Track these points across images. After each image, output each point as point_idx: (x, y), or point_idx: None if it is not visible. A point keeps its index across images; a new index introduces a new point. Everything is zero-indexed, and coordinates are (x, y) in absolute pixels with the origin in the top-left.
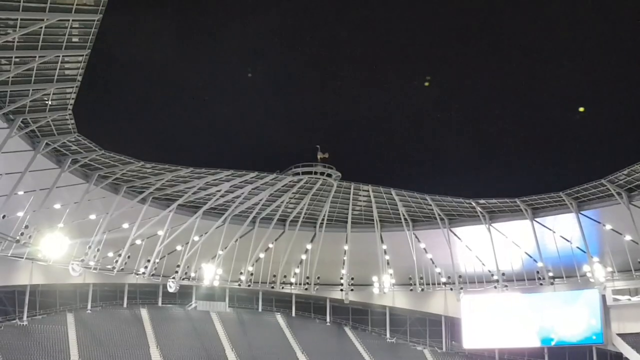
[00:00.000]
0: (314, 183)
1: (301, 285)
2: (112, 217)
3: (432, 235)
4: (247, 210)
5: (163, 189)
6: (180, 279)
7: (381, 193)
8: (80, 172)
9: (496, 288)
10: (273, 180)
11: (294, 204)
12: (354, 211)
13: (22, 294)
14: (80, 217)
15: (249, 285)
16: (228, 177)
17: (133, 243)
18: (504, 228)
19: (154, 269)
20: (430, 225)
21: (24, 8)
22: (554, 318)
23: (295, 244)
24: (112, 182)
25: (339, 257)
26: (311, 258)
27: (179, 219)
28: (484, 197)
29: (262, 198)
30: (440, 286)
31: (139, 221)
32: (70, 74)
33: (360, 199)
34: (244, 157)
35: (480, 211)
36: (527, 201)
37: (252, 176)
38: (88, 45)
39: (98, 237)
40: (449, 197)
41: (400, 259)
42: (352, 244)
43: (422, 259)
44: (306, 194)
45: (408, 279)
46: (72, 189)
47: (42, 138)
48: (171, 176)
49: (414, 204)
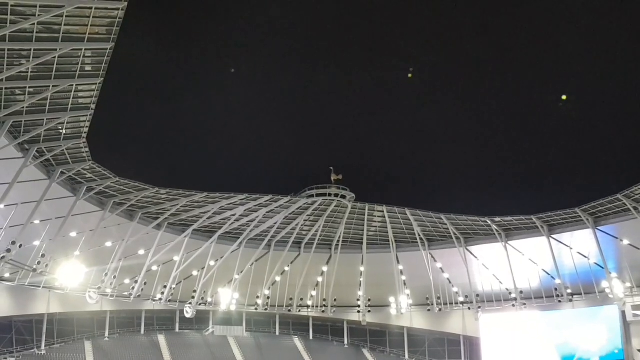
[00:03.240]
0: (328, 205)
1: (318, 308)
2: (127, 244)
3: (448, 254)
4: (263, 233)
5: (178, 214)
6: (197, 304)
7: (396, 213)
8: (96, 199)
9: (514, 306)
10: (287, 203)
11: (309, 226)
12: (369, 232)
13: (40, 322)
14: (96, 245)
15: (265, 309)
16: (242, 201)
17: (149, 269)
18: (521, 246)
19: (171, 295)
20: (446, 245)
21: (37, 39)
22: (573, 335)
23: (311, 267)
24: (127, 209)
25: (355, 279)
26: (327, 280)
27: (195, 244)
28: (500, 215)
29: (277, 221)
30: (458, 306)
31: (155, 247)
32: (83, 103)
33: (375, 219)
34: (258, 180)
35: (496, 229)
36: (543, 218)
37: (267, 199)
38: (101, 74)
39: (114, 264)
40: (464, 216)
41: (416, 279)
42: (368, 265)
43: (439, 278)
44: (321, 216)
45: (425, 299)
46: (88, 216)
47: (57, 167)
48: (186, 201)
49: (429, 224)
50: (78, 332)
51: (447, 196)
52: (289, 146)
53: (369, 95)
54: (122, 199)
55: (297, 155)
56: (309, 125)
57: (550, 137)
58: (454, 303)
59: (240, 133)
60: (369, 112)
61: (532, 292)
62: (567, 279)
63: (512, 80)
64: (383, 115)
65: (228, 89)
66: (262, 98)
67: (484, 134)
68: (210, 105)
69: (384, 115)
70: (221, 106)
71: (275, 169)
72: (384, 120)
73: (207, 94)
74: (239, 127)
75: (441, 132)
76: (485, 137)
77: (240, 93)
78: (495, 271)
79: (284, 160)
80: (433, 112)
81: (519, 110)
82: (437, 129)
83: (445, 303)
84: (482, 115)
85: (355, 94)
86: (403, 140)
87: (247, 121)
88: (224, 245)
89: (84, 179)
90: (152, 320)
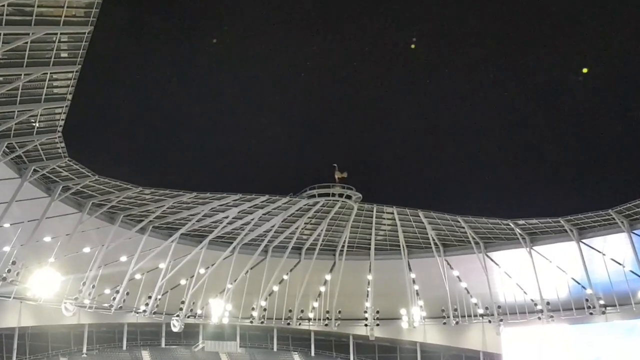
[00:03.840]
0: (331, 206)
1: (320, 321)
2: (108, 250)
3: (466, 261)
4: (258, 238)
5: (164, 216)
6: (185, 316)
7: (407, 215)
8: (72, 200)
9: (540, 319)
10: (286, 204)
11: (310, 229)
12: (377, 236)
13: (10, 337)
14: (73, 251)
15: (262, 322)
16: (236, 202)
17: (132, 278)
18: (547, 251)
19: (156, 307)
20: (464, 250)
21: (7, 22)
22: (606, 352)
23: (313, 275)
24: (108, 211)
25: (362, 288)
26: (331, 290)
27: (183, 250)
28: (524, 217)
29: (274, 224)
30: (477, 318)
31: (138, 253)
32: (59, 93)
33: (384, 222)
34: (253, 179)
35: (520, 233)
36: (572, 220)
37: (263, 200)
38: (78, 61)
39: (93, 272)
40: (484, 218)
41: (431, 289)
42: (376, 273)
43: (456, 288)
44: (323, 219)
45: (440, 311)
46: (64, 219)
47: (30, 164)
48: (173, 202)
49: (445, 227)
50: (53, 348)
51: (465, 196)
52: (287, 140)
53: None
54: (101, 200)
55: (296, 150)
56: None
57: (580, 129)
58: (473, 315)
59: (232, 126)
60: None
61: (560, 304)
62: (600, 289)
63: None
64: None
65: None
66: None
67: (504, 126)
68: (199, 94)
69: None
70: (210, 96)
71: (273, 166)
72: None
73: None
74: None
75: (457, 124)
76: (506, 128)
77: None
78: (519, 280)
79: (282, 156)
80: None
81: (542, 96)
82: (452, 120)
83: (462, 315)
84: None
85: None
86: (414, 133)
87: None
88: (215, 251)
89: (60, 178)
90: (135, 335)
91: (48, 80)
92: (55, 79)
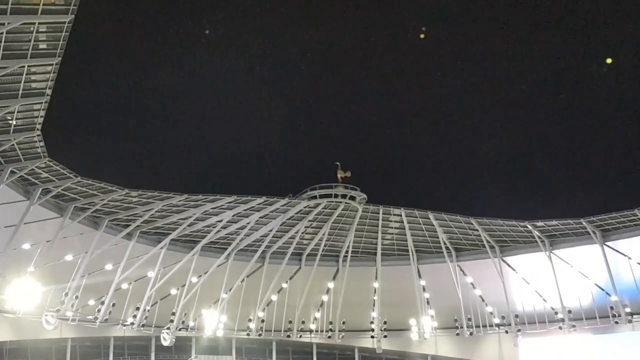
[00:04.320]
0: (334, 208)
1: (323, 333)
2: (92, 257)
3: (481, 266)
4: (255, 243)
5: (153, 221)
6: (176, 329)
7: (416, 217)
8: (53, 204)
9: (562, 329)
10: (285, 206)
11: (310, 234)
12: (384, 240)
13: None
14: (54, 259)
15: (259, 334)
16: (230, 205)
17: (118, 288)
18: (568, 255)
19: (145, 319)
20: (478, 255)
21: None
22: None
23: (315, 283)
24: (91, 215)
25: (367, 297)
26: (334, 299)
27: (173, 257)
28: (543, 219)
29: (272, 228)
30: (493, 328)
31: (125, 261)
32: (37, 88)
33: (391, 225)
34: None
35: (539, 235)
36: (595, 222)
37: (260, 202)
38: (58, 53)
39: (76, 282)
40: (500, 220)
41: (442, 297)
42: (383, 281)
43: (470, 295)
44: (325, 222)
45: (453, 320)
46: (44, 224)
47: (6, 165)
48: (162, 205)
49: (457, 230)
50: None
51: (478, 196)
52: (286, 137)
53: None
54: (84, 203)
55: (295, 148)
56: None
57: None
58: (488, 325)
59: (226, 122)
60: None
61: (582, 312)
62: (626, 295)
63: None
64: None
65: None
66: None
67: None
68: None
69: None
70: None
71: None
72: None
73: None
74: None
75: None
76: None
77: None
78: (538, 286)
79: (280, 154)
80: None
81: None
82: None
83: (477, 325)
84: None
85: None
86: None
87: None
88: (208, 257)
89: (39, 180)
90: (122, 349)
91: (26, 74)
92: (34, 73)
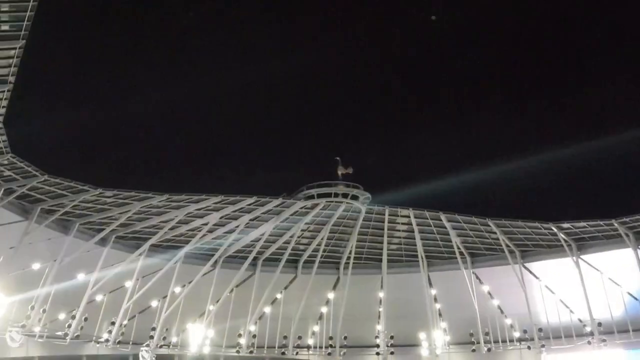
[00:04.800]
0: (334, 209)
1: (322, 349)
2: (61, 265)
3: (499, 273)
4: (245, 249)
5: (130, 224)
6: (157, 346)
7: (427, 219)
8: (17, 206)
9: (590, 343)
10: (278, 207)
11: (308, 238)
12: (390, 245)
13: None
14: (19, 267)
15: (251, 351)
16: (217, 205)
17: (91, 300)
18: (598, 261)
19: (121, 335)
20: (496, 261)
21: None
22: None
23: (313, 293)
24: (61, 218)
25: (372, 309)
26: (334, 311)
27: (153, 265)
28: (569, 219)
29: (264, 232)
30: (513, 343)
31: (99, 269)
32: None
33: (398, 228)
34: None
35: (565, 239)
36: (629, 223)
37: (250, 202)
38: (22, 35)
39: (44, 294)
40: (520, 221)
41: (456, 308)
42: (389, 290)
43: (487, 306)
44: (324, 224)
45: (469, 335)
46: (7, 229)
47: None
48: (140, 207)
49: (473, 233)
50: None
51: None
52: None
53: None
54: (52, 205)
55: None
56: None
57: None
58: (508, 340)
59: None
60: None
61: (614, 324)
62: None
63: None
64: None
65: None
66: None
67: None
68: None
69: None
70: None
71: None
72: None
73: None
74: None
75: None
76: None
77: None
78: (564, 296)
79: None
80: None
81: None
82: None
83: (495, 340)
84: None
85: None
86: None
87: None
88: (193, 265)
89: (1, 178)
90: None
91: None
92: None
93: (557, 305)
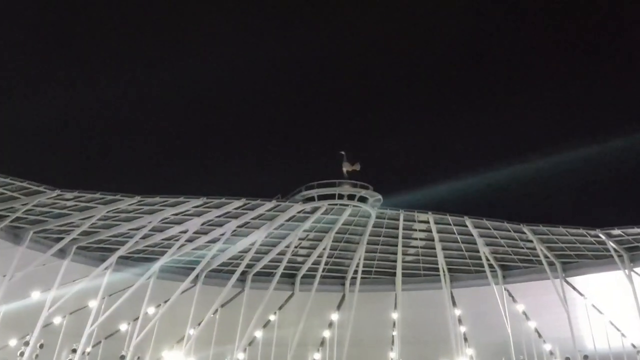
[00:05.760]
0: (338, 213)
1: None
2: (12, 281)
3: (536, 290)
4: (232, 261)
5: (94, 232)
6: None
7: (449, 225)
8: None
9: None
10: (271, 211)
11: (307, 248)
12: (406, 256)
13: None
14: None
15: None
16: (198, 209)
17: (49, 323)
18: None
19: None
20: (533, 275)
21: None
22: None
23: (313, 314)
24: (11, 225)
25: (384, 332)
26: (339, 335)
27: (123, 281)
28: (619, 225)
29: (254, 241)
30: None
31: (57, 286)
32: None
33: (415, 236)
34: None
35: (614, 248)
36: None
37: (238, 206)
38: None
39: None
40: (561, 227)
41: (485, 331)
42: (405, 310)
43: (522, 329)
44: (327, 232)
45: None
46: None
47: None
48: (106, 211)
49: (504, 241)
50: None
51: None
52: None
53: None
54: (1, 210)
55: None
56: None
57: None
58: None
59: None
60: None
61: None
62: None
63: None
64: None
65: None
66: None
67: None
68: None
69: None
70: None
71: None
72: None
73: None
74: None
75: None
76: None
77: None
78: (614, 317)
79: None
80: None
81: None
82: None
83: None
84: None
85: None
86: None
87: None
88: (169, 281)
89: None
90: None
91: None
92: None
93: (606, 327)
